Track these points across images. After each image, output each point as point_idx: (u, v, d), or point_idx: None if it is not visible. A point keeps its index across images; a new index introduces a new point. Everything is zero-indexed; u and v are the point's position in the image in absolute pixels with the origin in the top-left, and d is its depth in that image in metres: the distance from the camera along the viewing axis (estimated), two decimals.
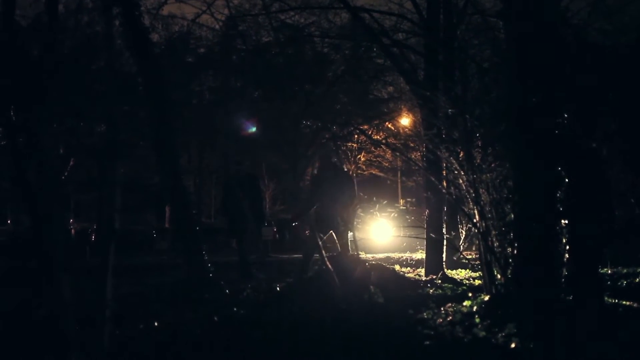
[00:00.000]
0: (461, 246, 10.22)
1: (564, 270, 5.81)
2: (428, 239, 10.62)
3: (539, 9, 5.69)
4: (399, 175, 38.06)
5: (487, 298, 6.09)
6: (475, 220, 6.39)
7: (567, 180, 5.89)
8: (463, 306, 6.13)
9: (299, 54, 24.80)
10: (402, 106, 25.93)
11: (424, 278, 10.08)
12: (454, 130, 6.68)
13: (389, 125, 28.25)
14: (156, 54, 11.20)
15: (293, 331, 5.43)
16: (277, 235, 31.15)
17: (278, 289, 8.37)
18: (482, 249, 6.34)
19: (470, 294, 6.77)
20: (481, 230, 6.25)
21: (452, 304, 6.37)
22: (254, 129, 25.69)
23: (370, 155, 35.85)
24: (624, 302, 6.21)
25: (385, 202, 28.16)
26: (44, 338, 4.91)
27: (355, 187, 10.36)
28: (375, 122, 28.13)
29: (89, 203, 32.31)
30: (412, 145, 12.81)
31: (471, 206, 6.49)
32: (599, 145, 6.20)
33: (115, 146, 3.06)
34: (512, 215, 5.91)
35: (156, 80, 9.37)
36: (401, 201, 38.04)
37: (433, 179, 7.64)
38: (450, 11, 11.41)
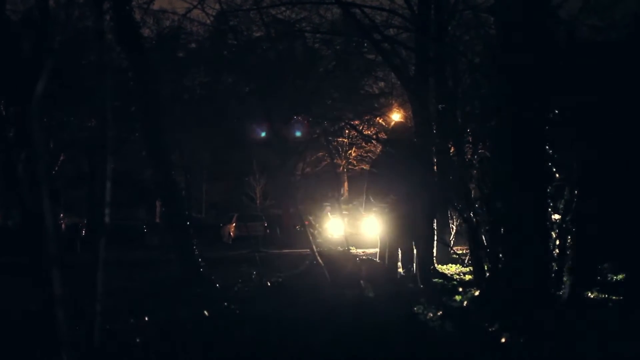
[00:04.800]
0: (451, 241, 10.25)
1: (554, 265, 5.84)
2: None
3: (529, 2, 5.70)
4: None
5: (477, 293, 6.11)
6: (465, 216, 6.41)
7: (557, 175, 5.92)
8: (453, 301, 6.15)
9: (290, 49, 24.79)
10: (393, 101, 26.01)
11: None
12: (444, 126, 6.70)
13: (380, 121, 28.30)
14: (147, 49, 11.15)
15: (283, 326, 5.44)
16: (268, 231, 31.24)
17: (268, 284, 8.37)
18: (472, 244, 6.37)
19: (460, 289, 6.79)
20: (472, 225, 6.27)
21: (442, 298, 6.39)
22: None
23: (361, 150, 35.97)
24: (613, 297, 6.24)
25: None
26: (35, 333, 4.90)
27: None
28: (366, 117, 28.18)
29: (79, 198, 32.28)
30: None
31: (462, 201, 6.52)
32: (589, 143, 6.23)
33: (105, 141, 3.05)
34: (503, 211, 5.92)
35: (147, 75, 9.35)
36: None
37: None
38: (441, 7, 11.43)
